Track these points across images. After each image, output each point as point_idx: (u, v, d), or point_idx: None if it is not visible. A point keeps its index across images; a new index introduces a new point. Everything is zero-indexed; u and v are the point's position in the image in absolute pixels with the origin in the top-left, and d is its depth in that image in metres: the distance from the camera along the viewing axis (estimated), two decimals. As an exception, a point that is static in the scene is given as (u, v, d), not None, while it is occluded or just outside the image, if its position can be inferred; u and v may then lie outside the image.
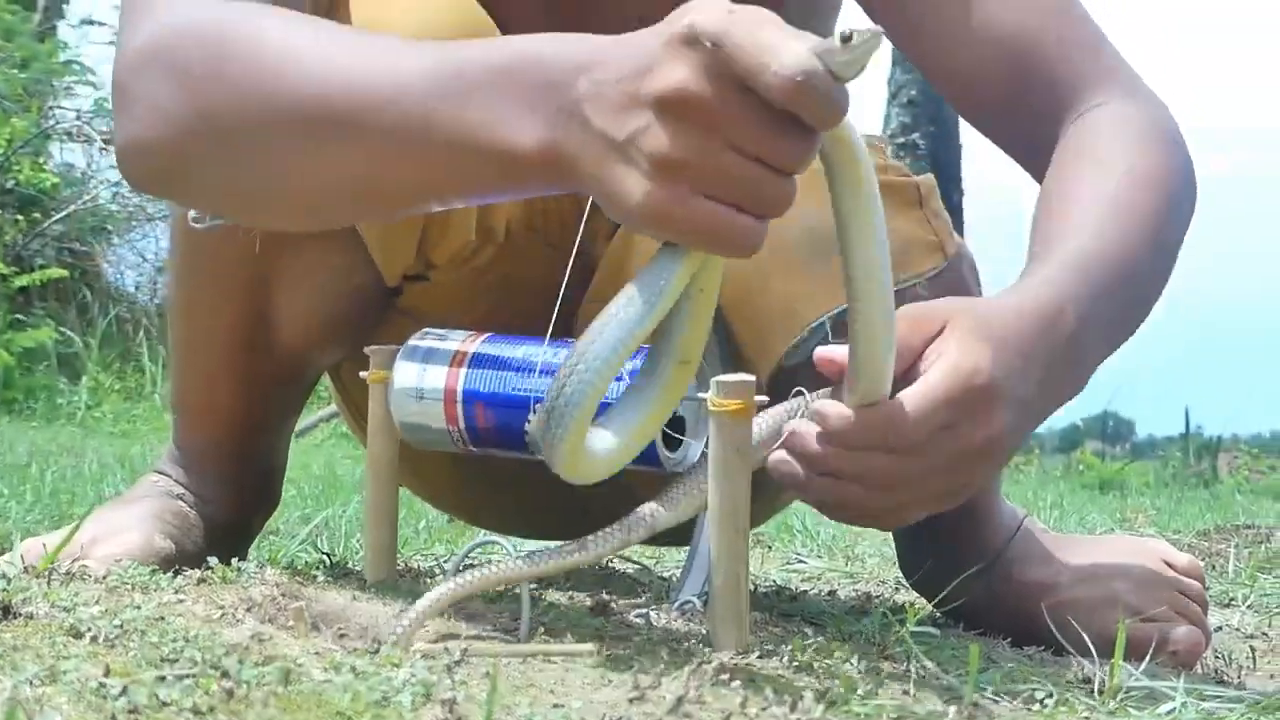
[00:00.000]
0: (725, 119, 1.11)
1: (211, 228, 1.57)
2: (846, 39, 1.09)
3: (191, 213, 1.60)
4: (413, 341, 1.49)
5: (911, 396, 1.26)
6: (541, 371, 1.43)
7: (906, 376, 1.29)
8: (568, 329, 1.65)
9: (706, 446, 1.34)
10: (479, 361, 1.46)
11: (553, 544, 1.35)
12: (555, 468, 1.23)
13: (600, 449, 1.24)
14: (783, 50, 1.09)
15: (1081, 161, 1.57)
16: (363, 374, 1.52)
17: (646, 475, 1.43)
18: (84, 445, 5.48)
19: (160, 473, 1.77)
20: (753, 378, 1.33)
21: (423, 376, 1.47)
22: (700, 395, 1.38)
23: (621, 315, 1.19)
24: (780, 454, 1.31)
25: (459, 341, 1.48)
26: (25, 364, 7.84)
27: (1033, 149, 1.64)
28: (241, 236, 1.58)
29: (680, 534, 1.57)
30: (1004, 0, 1.64)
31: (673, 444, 1.42)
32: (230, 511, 1.75)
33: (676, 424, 1.41)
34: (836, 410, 1.27)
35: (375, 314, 1.71)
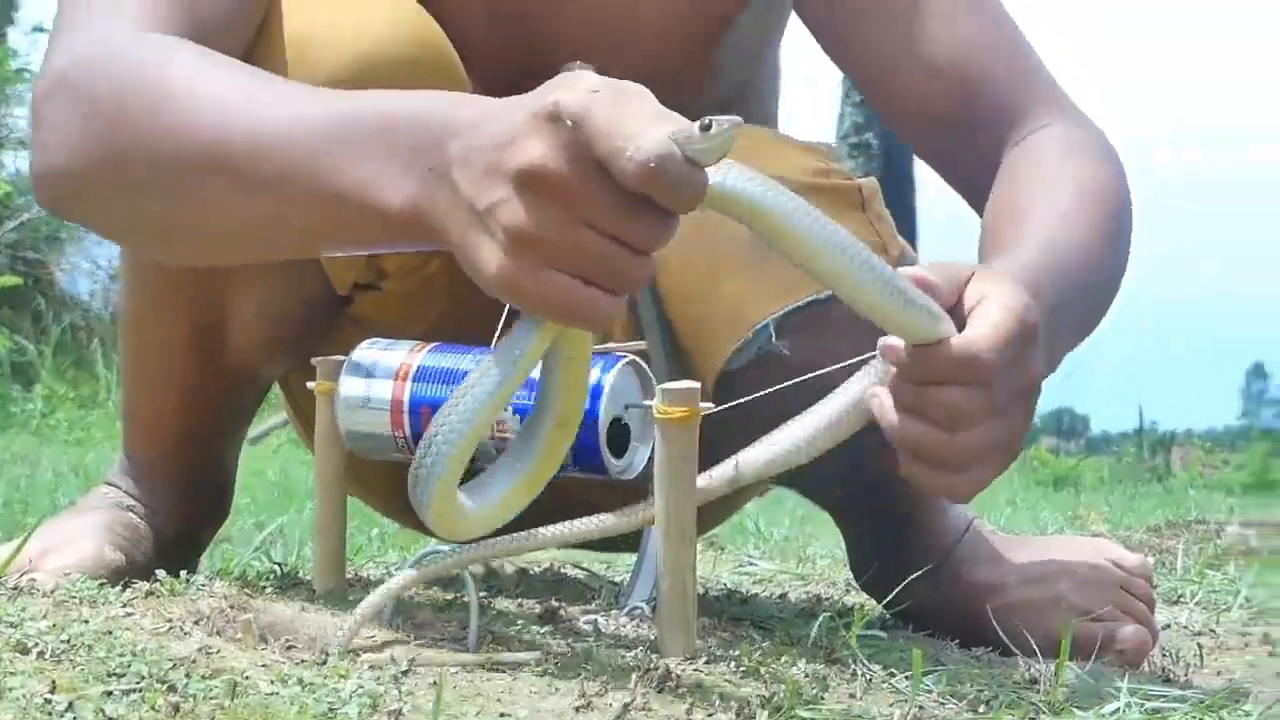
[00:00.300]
0: (581, 198, 1.12)
1: None
2: (706, 127, 1.10)
3: None
4: (356, 355, 1.49)
5: (983, 330, 1.30)
6: None
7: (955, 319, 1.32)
8: None
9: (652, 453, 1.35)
10: (424, 375, 1.46)
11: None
12: (429, 526, 1.26)
13: (476, 508, 1.26)
14: (639, 135, 1.10)
15: (1031, 180, 1.61)
16: (310, 384, 1.52)
17: (592, 484, 1.44)
18: (39, 453, 5.45)
19: (110, 484, 1.77)
20: (698, 385, 1.34)
21: (369, 387, 1.47)
22: (646, 403, 1.39)
23: (477, 388, 1.22)
24: (872, 387, 1.35)
25: (405, 352, 1.48)
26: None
27: (971, 173, 1.67)
28: None
29: (630, 539, 1.58)
30: (948, 26, 1.66)
31: (618, 450, 1.42)
32: (180, 522, 1.75)
33: (623, 431, 1.42)
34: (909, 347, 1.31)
35: (326, 323, 1.71)
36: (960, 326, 1.31)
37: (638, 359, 1.43)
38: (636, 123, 1.11)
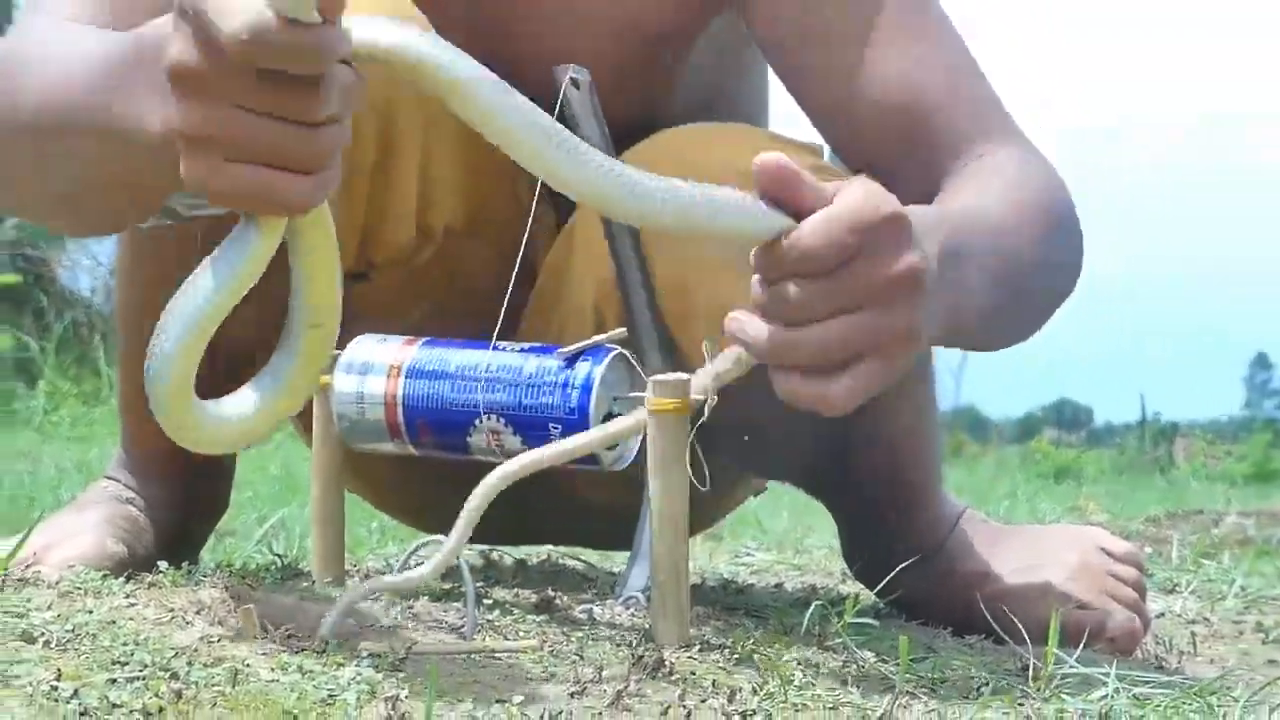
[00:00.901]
0: (218, 85, 1.11)
1: (154, 228, 1.58)
2: None
3: None
4: (349, 351, 1.51)
5: (812, 220, 1.26)
6: (486, 379, 1.46)
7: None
8: (513, 331, 1.67)
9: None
10: (417, 371, 1.48)
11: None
12: (169, 435, 1.23)
13: (235, 414, 1.23)
14: (230, 10, 1.08)
15: (972, 180, 1.60)
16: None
17: (587, 476, 1.46)
18: (41, 450, 5.47)
19: (110, 478, 1.78)
20: (689, 376, 1.36)
21: (363, 383, 1.50)
22: (637, 394, 1.41)
23: (192, 289, 1.19)
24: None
25: (397, 348, 1.50)
26: (-20, 370, 7.82)
27: (917, 200, 1.67)
28: (181, 237, 1.59)
29: (625, 534, 1.60)
30: (900, 52, 1.64)
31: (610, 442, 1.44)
32: (180, 516, 1.76)
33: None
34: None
35: None
36: None
37: (626, 353, 1.45)
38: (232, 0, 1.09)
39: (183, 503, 1.77)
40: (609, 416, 1.43)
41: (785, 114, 1.94)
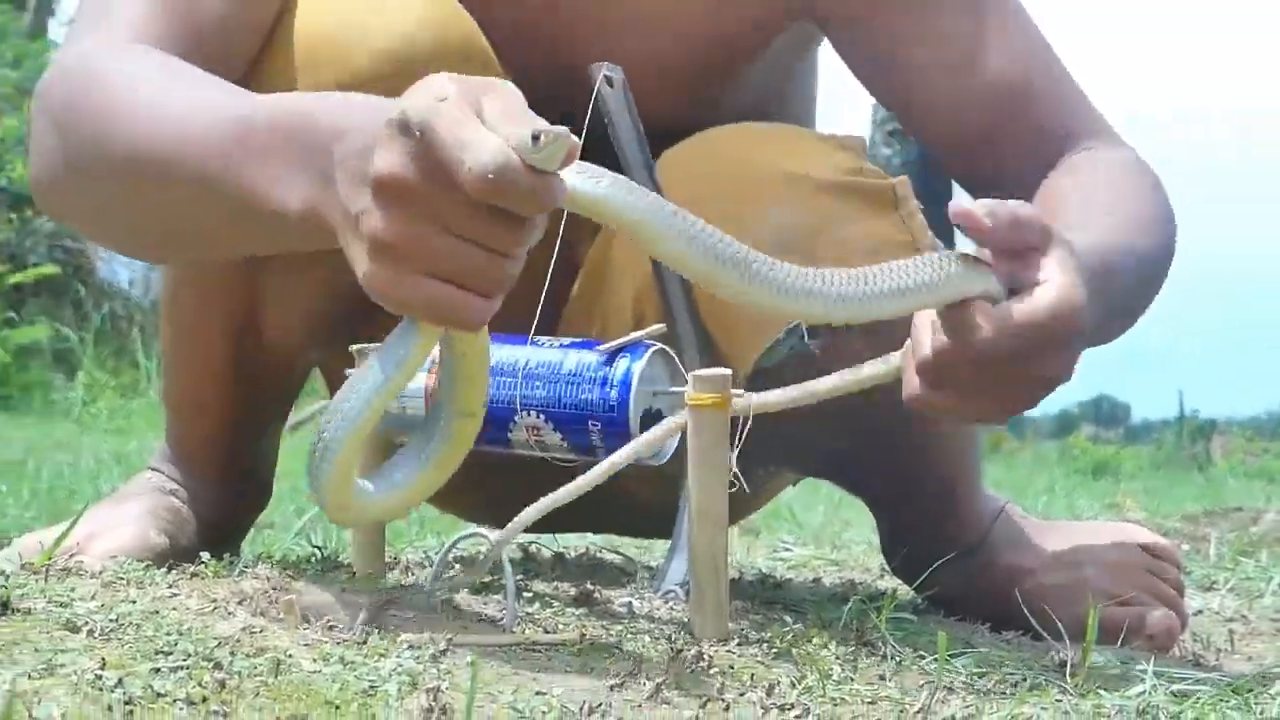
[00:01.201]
0: (433, 206, 1.15)
1: None
2: (535, 138, 1.12)
3: None
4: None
5: (1022, 314, 1.31)
6: (525, 375, 1.46)
7: (1014, 275, 1.34)
8: (553, 327, 1.68)
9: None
10: None
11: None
12: (330, 517, 1.34)
13: (379, 494, 1.32)
14: (477, 147, 1.12)
15: (1079, 179, 1.64)
16: (348, 371, 1.55)
17: (626, 472, 1.46)
18: (80, 442, 5.50)
19: (154, 469, 1.80)
20: (729, 371, 1.37)
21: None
22: (677, 389, 1.41)
23: (359, 385, 1.27)
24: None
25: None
26: (20, 361, 7.86)
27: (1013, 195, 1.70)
28: None
29: (664, 525, 1.61)
30: (1003, 43, 1.68)
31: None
32: (222, 508, 1.78)
33: (655, 418, 1.44)
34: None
35: (364, 310, 1.74)
36: (1010, 286, 1.33)
37: (666, 348, 1.46)
38: (474, 132, 1.13)
39: (226, 495, 1.78)
40: (648, 412, 1.43)
41: (822, 94, 1.95)
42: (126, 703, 1.04)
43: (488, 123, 1.14)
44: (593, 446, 1.43)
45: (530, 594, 1.48)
